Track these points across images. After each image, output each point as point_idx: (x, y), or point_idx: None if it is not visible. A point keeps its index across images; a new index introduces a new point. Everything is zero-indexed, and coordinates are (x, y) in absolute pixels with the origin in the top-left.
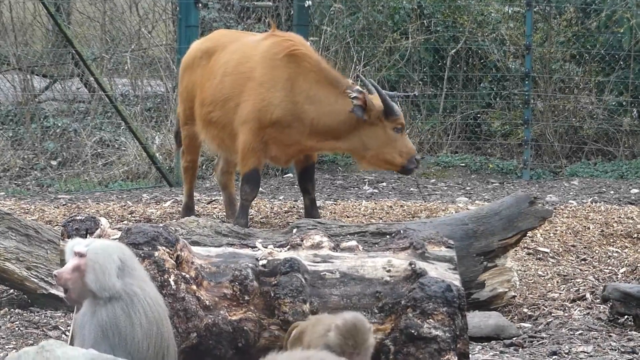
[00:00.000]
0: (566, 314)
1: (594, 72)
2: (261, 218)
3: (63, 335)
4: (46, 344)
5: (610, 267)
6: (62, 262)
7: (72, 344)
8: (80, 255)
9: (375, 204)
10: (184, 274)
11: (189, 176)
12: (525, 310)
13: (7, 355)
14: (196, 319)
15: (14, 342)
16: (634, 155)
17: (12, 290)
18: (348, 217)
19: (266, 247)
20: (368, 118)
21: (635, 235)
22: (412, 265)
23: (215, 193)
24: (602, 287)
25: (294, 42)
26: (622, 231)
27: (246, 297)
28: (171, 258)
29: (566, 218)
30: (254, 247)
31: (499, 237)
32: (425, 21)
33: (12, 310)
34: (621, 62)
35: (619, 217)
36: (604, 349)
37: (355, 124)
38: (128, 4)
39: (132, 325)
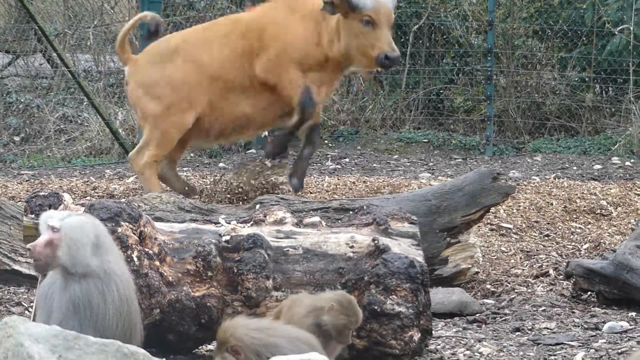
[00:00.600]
0: (529, 290)
1: (557, 48)
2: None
3: (26, 312)
4: (9, 320)
5: (573, 243)
6: (26, 238)
7: (34, 319)
8: (54, 229)
9: (338, 179)
10: (147, 249)
11: None
12: (489, 286)
13: None
14: (159, 295)
15: None
16: (596, 131)
17: None
18: (311, 192)
19: (229, 223)
20: (339, 13)
21: (598, 211)
22: (375, 241)
23: (178, 169)
24: (565, 263)
25: None
26: (585, 207)
27: (209, 273)
28: (134, 234)
29: (529, 194)
30: (217, 223)
31: (462, 213)
32: None
33: None
34: (584, 38)
35: (582, 193)
36: (567, 325)
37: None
38: None
39: (105, 302)
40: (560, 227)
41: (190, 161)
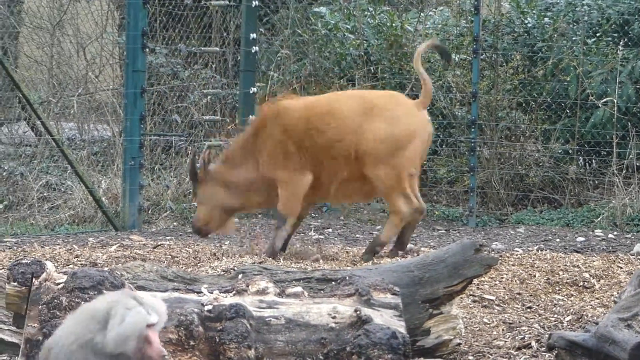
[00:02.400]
0: None
1: (540, 120)
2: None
3: None
4: None
5: (555, 315)
6: (8, 306)
7: None
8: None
9: (323, 250)
10: None
11: None
12: (471, 358)
13: None
14: None
15: None
16: (579, 204)
17: None
18: (297, 263)
19: (212, 293)
20: None
21: (581, 283)
22: (358, 312)
23: (160, 238)
24: (547, 335)
25: None
26: (567, 279)
27: (191, 342)
28: None
29: (512, 266)
30: (199, 292)
31: (445, 284)
32: (372, 68)
33: None
34: (567, 110)
35: (565, 265)
36: None
37: None
38: (75, 48)
39: None
40: (542, 299)
41: (173, 230)
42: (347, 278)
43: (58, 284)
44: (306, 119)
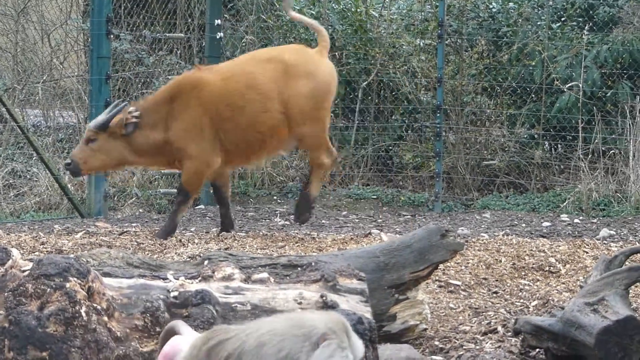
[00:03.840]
0: (478, 347)
1: (506, 105)
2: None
3: None
4: None
5: (521, 300)
6: None
7: None
8: None
9: (287, 235)
10: (95, 305)
11: None
12: (437, 343)
13: None
14: (107, 350)
15: None
16: (545, 188)
17: None
18: (263, 249)
19: (177, 279)
20: None
21: (547, 268)
22: (324, 298)
23: (126, 224)
24: (513, 320)
25: None
26: (533, 264)
27: (157, 329)
28: (83, 289)
29: (478, 251)
30: (165, 278)
31: (411, 269)
32: (337, 53)
33: None
34: (533, 95)
35: (531, 250)
36: None
37: None
38: (40, 35)
39: None
40: (508, 284)
41: (139, 217)
42: (313, 264)
43: (24, 271)
44: (225, 96)
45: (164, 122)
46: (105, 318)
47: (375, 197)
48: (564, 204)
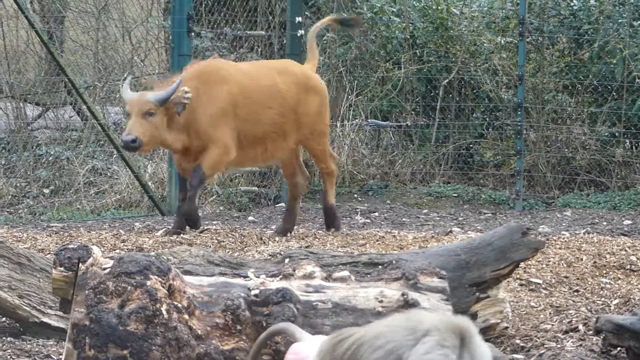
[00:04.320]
0: (559, 346)
1: (587, 103)
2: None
3: None
4: None
5: (603, 299)
6: (55, 291)
7: None
8: None
9: (368, 233)
10: (176, 303)
11: None
12: (518, 341)
13: None
14: (188, 348)
15: None
16: (626, 186)
17: (4, 319)
18: (344, 247)
19: (258, 277)
20: None
21: (628, 266)
22: (405, 296)
23: (207, 222)
24: (594, 319)
25: None
26: (614, 262)
27: (238, 327)
28: (163, 287)
29: (559, 249)
30: (246, 276)
31: (492, 268)
32: (417, 51)
33: (4, 338)
34: (614, 93)
35: (612, 248)
36: None
37: None
38: (121, 32)
39: None
40: (589, 283)
41: (220, 214)
42: (394, 262)
43: (104, 268)
44: (246, 100)
45: (190, 105)
46: (186, 316)
47: (456, 195)
48: None
